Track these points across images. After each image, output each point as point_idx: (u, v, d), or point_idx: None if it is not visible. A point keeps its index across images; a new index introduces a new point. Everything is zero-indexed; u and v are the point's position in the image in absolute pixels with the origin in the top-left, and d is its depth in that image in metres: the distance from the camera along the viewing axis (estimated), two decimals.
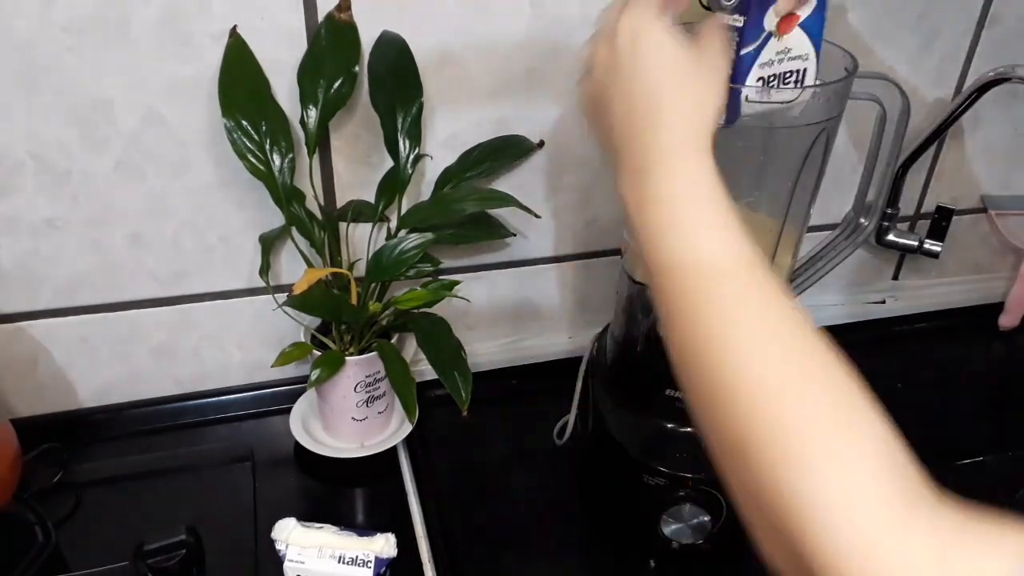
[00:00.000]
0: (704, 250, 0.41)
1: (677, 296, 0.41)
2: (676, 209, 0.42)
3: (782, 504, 0.35)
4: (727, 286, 0.41)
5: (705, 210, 0.42)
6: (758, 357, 0.38)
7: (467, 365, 0.72)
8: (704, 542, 0.74)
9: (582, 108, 0.51)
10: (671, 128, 0.44)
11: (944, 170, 0.99)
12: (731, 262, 0.41)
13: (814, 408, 0.36)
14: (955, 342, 1.06)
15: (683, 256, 0.42)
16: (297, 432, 0.81)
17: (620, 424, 0.75)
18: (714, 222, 0.42)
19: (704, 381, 0.39)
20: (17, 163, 0.70)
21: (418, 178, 0.81)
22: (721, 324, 0.40)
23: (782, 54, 0.57)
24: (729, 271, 0.41)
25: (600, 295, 0.95)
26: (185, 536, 0.68)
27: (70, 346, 0.81)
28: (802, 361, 0.38)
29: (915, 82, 0.90)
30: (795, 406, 0.36)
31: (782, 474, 0.35)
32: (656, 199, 0.43)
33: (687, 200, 0.42)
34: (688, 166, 0.43)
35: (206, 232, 0.78)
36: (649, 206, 0.43)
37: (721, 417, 0.38)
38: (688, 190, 0.43)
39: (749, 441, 0.37)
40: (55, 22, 0.65)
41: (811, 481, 0.35)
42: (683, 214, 0.42)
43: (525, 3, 0.75)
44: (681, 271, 0.42)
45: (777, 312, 0.40)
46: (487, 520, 0.79)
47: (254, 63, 0.70)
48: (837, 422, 0.36)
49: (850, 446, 0.35)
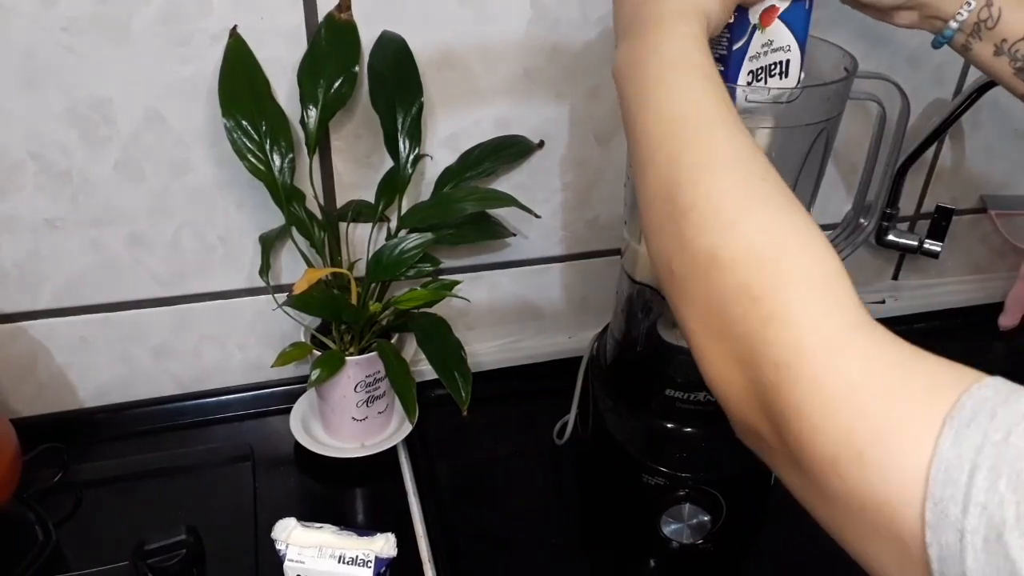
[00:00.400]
0: (691, 100, 0.45)
1: (660, 144, 0.45)
2: (675, 62, 0.47)
3: (746, 318, 0.38)
4: (714, 133, 0.44)
5: (696, 66, 0.46)
6: (737, 187, 0.42)
7: (467, 365, 0.72)
8: (704, 542, 0.74)
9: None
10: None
11: (944, 170, 1.00)
12: (715, 111, 0.44)
13: (788, 226, 0.40)
14: (955, 342, 1.05)
15: (671, 105, 0.45)
16: (297, 432, 0.81)
17: (620, 424, 0.75)
18: (703, 76, 0.46)
19: (684, 216, 0.42)
20: (17, 163, 0.70)
21: (418, 178, 0.81)
22: (706, 163, 0.43)
23: (766, 46, 0.58)
24: (716, 119, 0.44)
25: (600, 295, 0.95)
26: (185, 536, 0.67)
27: (70, 346, 0.81)
28: (777, 194, 0.42)
29: (915, 82, 0.90)
30: (772, 223, 0.40)
31: (751, 286, 0.39)
32: (654, 51, 0.47)
33: (679, 54, 0.47)
34: (685, 30, 0.47)
35: (206, 232, 0.78)
36: (646, 58, 0.47)
37: (695, 238, 0.41)
38: (682, 48, 0.47)
39: (721, 252, 0.40)
40: (55, 22, 0.65)
41: (781, 295, 0.38)
42: (672, 65, 0.46)
43: (525, 3, 0.75)
44: (669, 121, 0.45)
45: (755, 159, 0.43)
46: (487, 520, 0.79)
47: (254, 63, 0.70)
48: (801, 245, 0.39)
49: (820, 263, 0.39)
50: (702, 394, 0.70)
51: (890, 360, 0.35)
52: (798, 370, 0.36)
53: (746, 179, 0.42)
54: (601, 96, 0.82)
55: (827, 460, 0.34)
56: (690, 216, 0.42)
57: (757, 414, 0.38)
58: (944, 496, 0.30)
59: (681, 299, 0.42)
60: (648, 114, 0.46)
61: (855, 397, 0.34)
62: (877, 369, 0.34)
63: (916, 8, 0.60)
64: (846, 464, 0.33)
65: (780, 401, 0.36)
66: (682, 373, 0.71)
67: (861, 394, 0.34)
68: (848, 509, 0.33)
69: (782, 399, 0.36)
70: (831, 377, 0.35)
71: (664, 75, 0.46)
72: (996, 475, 0.29)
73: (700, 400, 0.71)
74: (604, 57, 0.78)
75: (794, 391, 0.35)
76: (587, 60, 0.79)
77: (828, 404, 0.34)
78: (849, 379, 0.34)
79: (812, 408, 0.35)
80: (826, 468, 0.34)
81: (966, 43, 0.60)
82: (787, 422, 0.36)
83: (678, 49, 0.47)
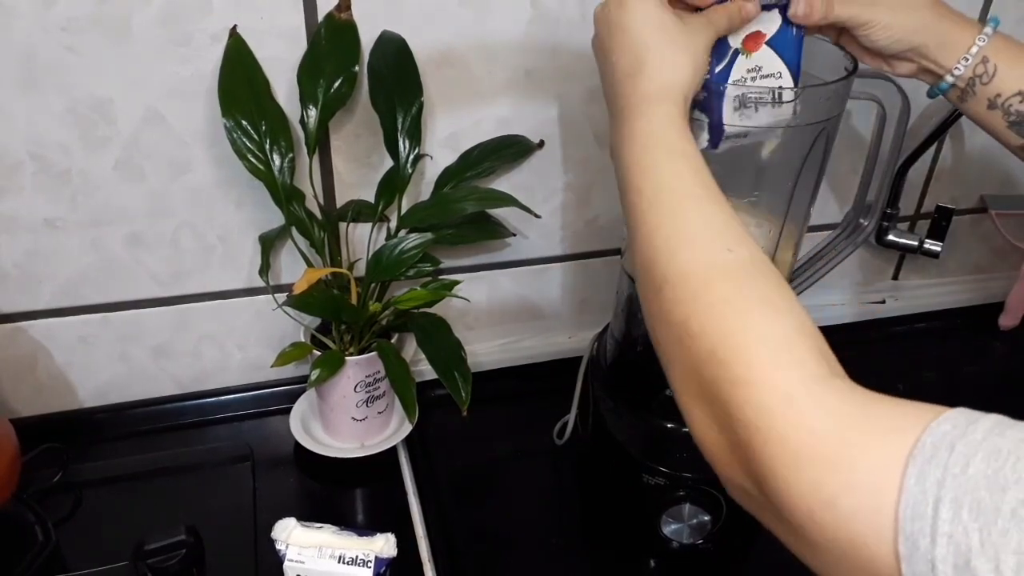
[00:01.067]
0: (664, 180, 0.48)
1: (641, 221, 0.48)
2: (648, 145, 0.49)
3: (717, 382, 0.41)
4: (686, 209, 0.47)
5: (668, 147, 0.49)
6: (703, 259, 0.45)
7: (467, 365, 0.72)
8: (704, 542, 0.74)
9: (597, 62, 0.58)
10: (650, 79, 0.51)
11: (944, 170, 0.99)
12: (688, 189, 0.47)
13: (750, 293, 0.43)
14: (955, 342, 1.06)
15: (646, 185, 0.48)
16: (297, 432, 0.81)
17: (620, 424, 0.75)
18: (677, 155, 0.49)
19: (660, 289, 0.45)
20: (17, 163, 0.70)
21: (418, 178, 0.81)
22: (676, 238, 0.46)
23: (753, 72, 0.58)
24: (687, 196, 0.47)
25: (600, 295, 0.95)
26: (185, 536, 0.67)
27: (70, 346, 0.81)
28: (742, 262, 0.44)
29: (915, 82, 0.89)
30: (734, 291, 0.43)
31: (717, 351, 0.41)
32: (631, 136, 0.50)
33: (653, 139, 0.49)
34: (661, 111, 0.50)
35: (206, 232, 0.78)
36: (626, 142, 0.50)
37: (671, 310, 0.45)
38: (656, 132, 0.50)
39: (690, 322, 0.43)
40: (55, 22, 0.65)
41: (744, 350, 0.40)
42: (653, 149, 0.49)
43: (525, 3, 0.75)
44: (647, 201, 0.48)
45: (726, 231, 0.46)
46: (487, 520, 0.79)
47: (254, 63, 0.70)
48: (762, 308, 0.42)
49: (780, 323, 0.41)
50: None
51: (849, 409, 0.36)
52: (766, 431, 0.38)
53: (711, 251, 0.45)
54: (601, 96, 0.81)
55: (804, 512, 0.36)
56: (664, 290, 0.45)
57: (740, 472, 0.40)
58: (914, 530, 0.32)
59: (666, 365, 0.46)
60: (630, 194, 0.49)
61: (820, 449, 0.36)
62: (837, 419, 0.36)
63: (914, 60, 0.61)
64: (821, 513, 0.35)
65: (754, 460, 0.38)
66: None
67: (825, 446, 0.36)
68: (830, 554, 0.35)
69: (755, 458, 0.38)
70: (795, 433, 0.37)
71: (639, 158, 0.50)
72: (958, 505, 0.31)
73: None
74: None
75: (764, 450, 0.37)
76: (587, 60, 0.79)
77: (796, 459, 0.36)
78: (811, 433, 0.36)
79: (782, 464, 0.37)
80: (804, 519, 0.36)
81: (961, 96, 0.62)
82: (764, 479, 0.38)
83: (650, 132, 0.50)
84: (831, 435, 0.36)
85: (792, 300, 0.43)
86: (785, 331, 0.41)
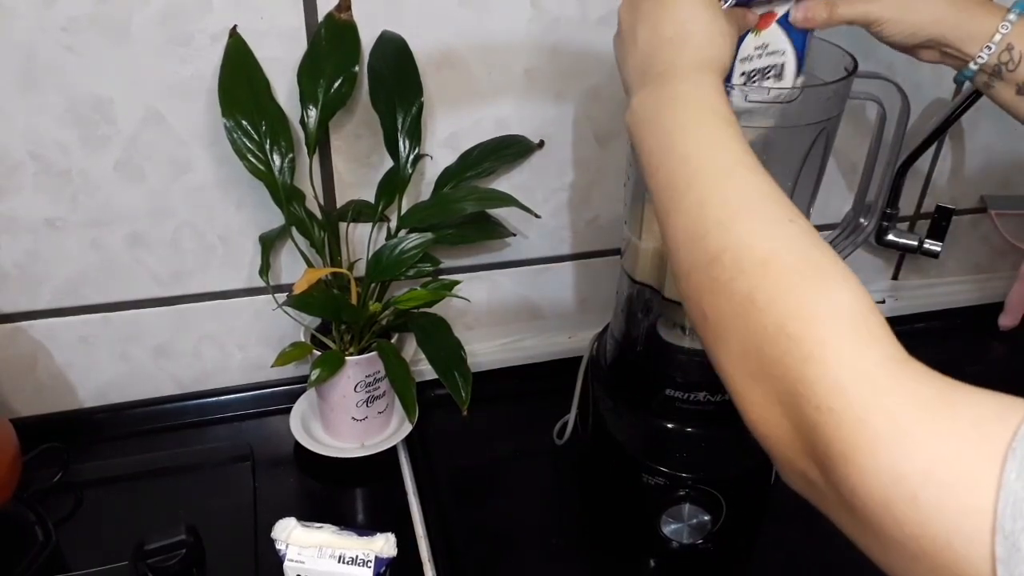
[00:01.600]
0: (715, 145, 0.46)
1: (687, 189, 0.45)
2: (698, 109, 0.48)
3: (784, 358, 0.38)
4: (741, 176, 0.44)
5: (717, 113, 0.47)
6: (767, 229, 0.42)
7: (467, 365, 0.72)
8: (704, 542, 0.74)
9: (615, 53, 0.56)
10: (698, 49, 0.50)
11: (944, 170, 1.00)
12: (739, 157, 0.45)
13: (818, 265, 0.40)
14: (955, 342, 1.05)
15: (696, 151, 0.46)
16: (297, 432, 0.81)
17: (620, 424, 0.75)
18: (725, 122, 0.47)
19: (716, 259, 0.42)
20: (17, 163, 0.70)
21: (418, 178, 0.81)
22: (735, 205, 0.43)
23: (760, 49, 0.58)
24: (740, 163, 0.45)
25: (600, 295, 0.95)
26: (185, 536, 0.67)
27: (70, 346, 0.81)
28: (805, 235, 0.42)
29: (915, 82, 0.90)
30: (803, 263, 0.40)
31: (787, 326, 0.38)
32: (674, 99, 0.49)
33: (702, 102, 0.48)
34: (703, 79, 0.49)
35: (206, 232, 0.78)
36: (667, 107, 0.49)
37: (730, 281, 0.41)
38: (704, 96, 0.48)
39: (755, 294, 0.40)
40: (55, 22, 0.65)
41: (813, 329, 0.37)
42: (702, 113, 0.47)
43: (525, 3, 0.75)
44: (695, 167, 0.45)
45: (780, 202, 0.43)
46: (487, 520, 0.79)
47: (254, 63, 0.70)
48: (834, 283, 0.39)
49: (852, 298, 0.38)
50: (702, 394, 0.71)
51: (932, 394, 0.34)
52: (840, 412, 0.35)
53: (775, 221, 0.42)
54: (601, 96, 0.82)
55: (878, 504, 0.33)
56: (723, 259, 0.42)
57: (803, 457, 0.37)
58: (1015, 529, 0.29)
59: (716, 342, 0.42)
60: (672, 160, 0.47)
61: (902, 437, 0.33)
62: (921, 405, 0.33)
63: (937, 48, 0.60)
64: (900, 507, 0.32)
65: (824, 444, 0.35)
66: (682, 373, 0.71)
67: (907, 433, 0.33)
68: (906, 551, 0.32)
69: (826, 442, 0.35)
70: (873, 416, 0.34)
71: (687, 122, 0.47)
72: None
73: (700, 400, 0.71)
74: (604, 57, 0.78)
75: (838, 433, 0.34)
76: (587, 60, 0.79)
77: (874, 446, 0.33)
78: (892, 417, 0.33)
79: (858, 450, 0.34)
80: (880, 512, 0.33)
81: (987, 82, 0.61)
82: (834, 465, 0.35)
83: (698, 97, 0.48)
84: (915, 421, 0.33)
85: (855, 277, 0.39)
86: (859, 307, 0.38)
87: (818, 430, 0.35)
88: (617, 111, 0.83)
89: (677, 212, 0.45)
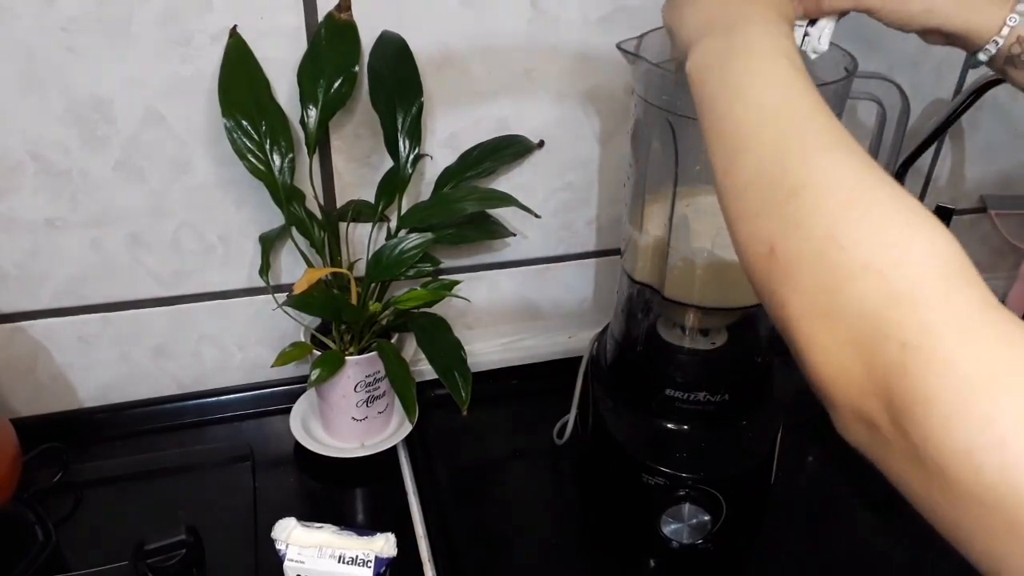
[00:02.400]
0: (791, 88, 0.45)
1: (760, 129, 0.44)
2: (766, 54, 0.47)
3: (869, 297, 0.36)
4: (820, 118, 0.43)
5: (791, 60, 0.47)
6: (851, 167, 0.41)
7: (467, 365, 0.72)
8: (704, 542, 0.74)
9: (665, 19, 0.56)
10: (769, 5, 0.50)
11: (944, 170, 1.00)
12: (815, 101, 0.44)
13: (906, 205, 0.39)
14: None
15: (771, 93, 0.45)
16: (297, 432, 0.81)
17: (620, 424, 0.75)
18: (798, 69, 0.46)
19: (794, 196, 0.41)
20: (17, 163, 0.70)
21: (418, 178, 0.81)
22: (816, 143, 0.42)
23: None
24: (817, 107, 0.44)
25: (600, 295, 0.95)
26: (185, 536, 0.67)
27: (70, 346, 0.81)
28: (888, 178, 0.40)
29: (915, 82, 0.90)
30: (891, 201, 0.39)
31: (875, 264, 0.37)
32: (748, 46, 0.48)
33: (778, 49, 0.47)
34: (774, 29, 0.48)
35: (206, 232, 0.78)
36: (740, 53, 0.48)
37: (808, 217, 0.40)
38: (778, 44, 0.47)
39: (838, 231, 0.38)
40: (55, 22, 0.65)
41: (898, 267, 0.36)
42: (772, 59, 0.47)
43: (525, 3, 0.75)
44: (771, 108, 0.45)
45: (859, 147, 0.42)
46: (487, 520, 0.79)
47: (254, 63, 0.70)
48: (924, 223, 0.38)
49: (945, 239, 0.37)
50: (702, 394, 0.71)
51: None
52: (929, 351, 0.33)
53: (860, 160, 0.41)
54: (601, 96, 0.82)
55: (960, 451, 0.31)
56: (802, 195, 0.40)
57: (873, 401, 0.36)
58: None
59: (785, 282, 0.40)
60: (741, 104, 0.46)
61: (994, 382, 0.31)
62: (1015, 352, 0.32)
63: (938, 34, 0.60)
64: (983, 455, 0.31)
65: (905, 385, 0.34)
66: (682, 373, 0.71)
67: (1001, 379, 0.31)
68: (980, 505, 0.31)
69: (907, 382, 0.34)
70: (965, 360, 0.32)
71: (760, 67, 0.46)
72: None
73: (700, 400, 0.71)
74: (604, 57, 0.78)
75: (923, 374, 0.33)
76: (587, 60, 0.79)
77: (963, 389, 0.32)
78: (986, 362, 0.32)
79: (944, 393, 0.32)
80: (959, 459, 0.32)
81: (1003, 68, 0.60)
82: (912, 409, 0.33)
83: (771, 44, 0.47)
84: (1008, 368, 0.31)
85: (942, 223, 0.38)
86: (953, 251, 0.36)
87: (899, 369, 0.34)
88: (617, 111, 0.83)
89: (746, 152, 0.44)
